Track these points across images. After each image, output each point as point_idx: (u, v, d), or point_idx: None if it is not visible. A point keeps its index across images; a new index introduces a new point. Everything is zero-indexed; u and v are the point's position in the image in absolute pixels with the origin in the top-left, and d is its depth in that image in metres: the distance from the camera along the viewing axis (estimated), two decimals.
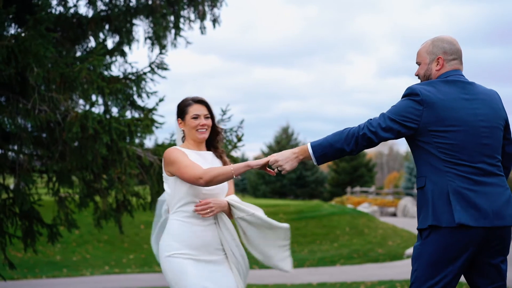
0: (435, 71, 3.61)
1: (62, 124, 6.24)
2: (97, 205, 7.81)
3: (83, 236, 18.01)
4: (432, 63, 3.61)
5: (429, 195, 3.43)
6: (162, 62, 7.52)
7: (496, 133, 3.50)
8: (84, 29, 8.08)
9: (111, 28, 8.21)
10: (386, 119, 3.43)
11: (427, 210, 3.45)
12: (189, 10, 8.40)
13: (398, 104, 3.48)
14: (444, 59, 3.59)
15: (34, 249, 8.01)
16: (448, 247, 3.43)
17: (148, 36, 8.27)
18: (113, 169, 6.39)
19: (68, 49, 8.07)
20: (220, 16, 8.32)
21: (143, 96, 7.34)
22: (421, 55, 3.66)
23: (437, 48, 3.61)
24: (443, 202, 3.42)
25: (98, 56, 6.41)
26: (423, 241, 3.46)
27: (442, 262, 3.44)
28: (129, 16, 7.83)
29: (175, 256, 3.68)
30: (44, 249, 15.49)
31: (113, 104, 7.01)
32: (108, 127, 6.09)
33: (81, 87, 6.14)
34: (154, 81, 7.46)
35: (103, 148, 6.11)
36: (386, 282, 12.47)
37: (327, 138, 3.48)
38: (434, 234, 3.42)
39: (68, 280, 13.94)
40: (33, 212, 7.50)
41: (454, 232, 3.42)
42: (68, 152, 6.31)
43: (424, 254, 3.45)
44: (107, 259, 17.09)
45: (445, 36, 3.67)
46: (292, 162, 3.53)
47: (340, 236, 21.04)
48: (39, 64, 5.96)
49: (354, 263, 17.26)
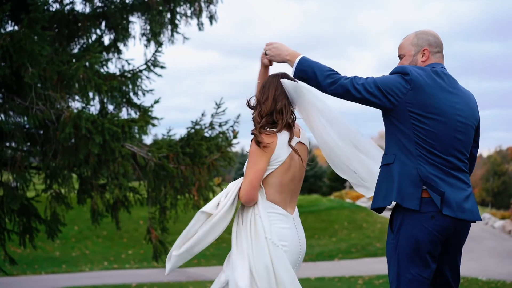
0: (421, 62, 3.61)
1: (56, 124, 6.26)
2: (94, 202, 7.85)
3: (82, 232, 18.07)
4: (417, 54, 3.62)
5: (395, 174, 3.42)
6: (157, 60, 7.55)
7: (469, 131, 3.54)
8: (80, 26, 8.10)
9: (107, 25, 8.22)
10: (372, 83, 3.43)
11: (390, 187, 3.43)
12: (185, 6, 8.41)
13: (387, 76, 3.48)
14: (430, 51, 3.61)
15: (33, 245, 8.05)
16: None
17: (144, 33, 8.28)
18: (106, 169, 6.42)
19: (64, 47, 8.08)
20: (216, 13, 8.33)
21: (139, 94, 7.36)
22: (405, 47, 3.66)
23: (422, 40, 3.63)
24: (410, 183, 3.39)
25: (95, 54, 6.43)
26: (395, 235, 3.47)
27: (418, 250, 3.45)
28: (125, 13, 7.84)
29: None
30: (43, 245, 15.54)
31: (109, 102, 7.03)
32: (101, 128, 6.11)
33: (79, 85, 6.15)
34: (150, 79, 7.49)
35: (96, 148, 6.14)
36: (384, 276, 12.53)
37: (317, 62, 3.56)
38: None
39: (67, 275, 14.00)
40: (30, 209, 7.54)
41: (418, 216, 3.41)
42: (61, 150, 6.33)
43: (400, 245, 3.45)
44: (106, 254, 17.14)
45: (428, 29, 3.69)
46: (280, 57, 3.69)
47: (339, 230, 21.09)
48: (35, 63, 5.97)
49: (353, 257, 17.33)
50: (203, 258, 16.33)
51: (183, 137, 7.37)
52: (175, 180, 6.67)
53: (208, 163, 6.85)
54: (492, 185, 48.14)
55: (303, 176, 3.75)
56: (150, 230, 7.27)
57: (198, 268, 15.35)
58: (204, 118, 7.64)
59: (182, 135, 7.52)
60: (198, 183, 6.77)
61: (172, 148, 6.88)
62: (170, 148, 6.85)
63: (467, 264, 14.14)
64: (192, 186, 6.82)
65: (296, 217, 3.69)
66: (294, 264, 3.65)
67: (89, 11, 8.17)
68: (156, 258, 7.47)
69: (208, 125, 7.45)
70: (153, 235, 7.16)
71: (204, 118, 7.63)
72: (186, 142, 7.18)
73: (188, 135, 7.31)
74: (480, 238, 18.30)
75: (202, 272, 14.46)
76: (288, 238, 3.58)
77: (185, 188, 6.91)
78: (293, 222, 3.64)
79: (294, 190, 3.68)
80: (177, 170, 6.71)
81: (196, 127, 7.33)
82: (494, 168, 48.83)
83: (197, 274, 14.21)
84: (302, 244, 3.69)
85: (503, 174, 48.81)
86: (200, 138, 7.09)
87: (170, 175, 6.66)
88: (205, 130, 7.37)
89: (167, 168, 6.56)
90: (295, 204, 3.71)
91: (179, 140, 7.40)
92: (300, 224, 3.72)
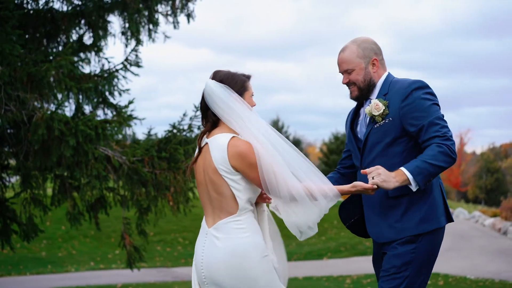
0: (373, 73, 3.53)
1: (27, 124, 6.12)
2: (75, 202, 7.71)
3: (69, 232, 17.89)
4: (368, 66, 3.52)
5: (435, 191, 3.43)
6: (137, 58, 7.43)
7: None
8: (59, 24, 7.96)
9: (86, 24, 8.09)
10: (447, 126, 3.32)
11: (427, 209, 3.39)
12: (165, 4, 8.28)
13: (436, 107, 3.37)
14: (378, 60, 3.54)
15: (11, 247, 7.93)
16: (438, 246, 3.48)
17: (123, 31, 8.16)
18: (79, 171, 6.28)
19: (43, 46, 7.95)
20: (194, 11, 8.20)
21: (115, 94, 7.24)
22: (352, 61, 3.51)
23: (367, 50, 3.53)
24: (439, 197, 3.45)
25: (66, 56, 6.28)
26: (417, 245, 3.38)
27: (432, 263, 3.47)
28: (101, 11, 7.70)
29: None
30: (29, 245, 15.39)
31: (84, 102, 6.90)
32: (74, 130, 5.97)
33: (48, 86, 6.01)
34: (126, 79, 7.36)
35: (68, 150, 6.00)
36: (373, 275, 12.44)
37: (419, 161, 3.22)
38: (429, 235, 3.39)
39: (52, 276, 13.86)
40: (5, 211, 7.40)
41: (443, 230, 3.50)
42: (32, 152, 6.19)
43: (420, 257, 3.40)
44: (93, 254, 16.99)
45: (363, 37, 3.60)
46: (391, 184, 3.19)
47: (328, 229, 21.01)
48: (5, 63, 5.84)
49: (342, 256, 17.25)
50: (190, 258, 16.21)
51: (161, 139, 7.24)
52: (148, 184, 6.54)
53: (184, 168, 6.71)
54: (485, 182, 48.19)
55: (217, 183, 3.13)
56: (124, 236, 7.11)
57: (184, 268, 15.25)
58: (186, 118, 7.52)
59: (161, 136, 7.41)
60: (174, 188, 6.63)
61: (148, 151, 6.74)
62: (146, 152, 6.72)
63: (456, 262, 14.07)
64: (167, 191, 6.68)
65: (215, 232, 3.12)
66: (200, 281, 3.21)
67: (67, 9, 8.03)
68: (130, 264, 7.30)
69: (187, 128, 7.32)
70: (126, 241, 7.01)
71: (185, 118, 7.51)
72: (164, 145, 7.05)
73: (166, 138, 7.18)
74: (469, 236, 18.23)
75: (189, 272, 14.34)
76: (195, 251, 3.26)
77: (160, 193, 6.76)
78: (204, 236, 3.19)
79: (208, 198, 3.19)
80: (152, 175, 6.57)
81: (174, 131, 7.17)
82: (487, 165, 48.87)
83: (183, 274, 14.10)
84: (204, 264, 3.14)
85: (496, 171, 48.84)
86: (177, 142, 6.95)
87: (143, 179, 6.53)
88: (183, 133, 7.23)
89: (141, 172, 6.42)
90: (218, 215, 3.15)
91: (157, 141, 7.27)
92: (218, 242, 3.10)
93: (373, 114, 3.42)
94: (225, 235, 3.11)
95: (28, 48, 6.96)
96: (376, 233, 3.50)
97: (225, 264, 3.07)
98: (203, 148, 3.22)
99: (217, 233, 3.13)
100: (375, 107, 3.41)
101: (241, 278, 3.07)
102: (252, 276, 3.07)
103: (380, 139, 3.43)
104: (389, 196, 3.40)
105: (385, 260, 3.43)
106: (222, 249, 3.09)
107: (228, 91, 3.16)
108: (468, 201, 45.63)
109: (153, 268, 15.32)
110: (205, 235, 3.19)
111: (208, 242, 3.15)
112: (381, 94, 3.47)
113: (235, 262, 3.07)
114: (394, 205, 3.41)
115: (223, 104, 3.14)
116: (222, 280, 3.09)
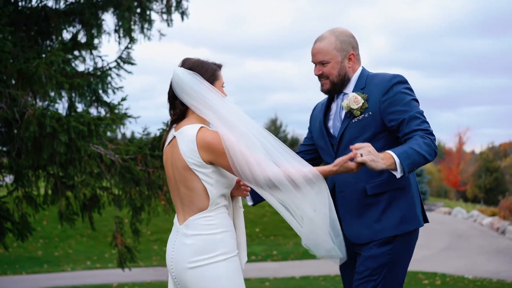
0: (349, 68, 3.41)
1: (19, 122, 6.06)
2: (68, 202, 7.65)
3: (66, 231, 17.84)
4: (344, 60, 3.40)
5: (413, 190, 3.34)
6: (129, 56, 7.37)
7: None
8: (52, 22, 7.90)
9: (79, 22, 8.03)
10: (427, 121, 3.24)
11: (407, 208, 3.29)
12: (159, 2, 8.23)
13: (416, 103, 3.29)
14: (355, 54, 3.42)
15: (5, 246, 7.87)
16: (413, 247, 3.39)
17: (116, 29, 8.10)
18: (72, 168, 6.21)
19: (38, 45, 7.89)
20: (188, 8, 8.14)
21: (109, 91, 7.18)
22: (329, 53, 3.38)
23: (345, 44, 3.41)
24: (417, 196, 3.36)
25: (56, 52, 6.20)
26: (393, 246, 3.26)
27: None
28: (94, 9, 7.63)
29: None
30: (25, 244, 15.35)
31: (77, 100, 6.84)
32: (67, 126, 5.89)
33: (39, 83, 5.93)
34: (120, 76, 7.31)
35: (61, 147, 5.93)
36: None
37: (407, 148, 3.07)
38: (406, 236, 3.29)
39: (48, 275, 13.81)
40: (0, 210, 7.34)
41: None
42: (24, 150, 6.12)
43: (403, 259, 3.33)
44: (90, 254, 16.94)
45: (341, 28, 3.48)
46: (379, 165, 2.97)
47: None
48: None
49: None
50: None
51: (154, 137, 7.19)
52: (141, 183, 6.46)
53: None
54: (484, 181, 48.15)
55: (187, 178, 3.02)
56: (116, 235, 7.03)
57: None
58: None
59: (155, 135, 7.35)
60: (167, 187, 6.56)
61: (141, 149, 6.68)
62: (139, 150, 6.65)
63: (454, 262, 14.02)
64: (159, 190, 6.61)
65: (185, 229, 3.02)
66: (174, 281, 3.12)
67: (61, 7, 7.97)
68: (121, 264, 7.22)
69: None
70: (118, 240, 6.93)
71: None
72: (157, 143, 7.00)
73: (159, 137, 7.12)
74: (467, 236, 18.18)
75: None
76: (166, 250, 3.15)
77: (153, 192, 6.69)
78: (175, 234, 3.09)
79: (178, 195, 3.08)
80: (144, 173, 6.51)
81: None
82: (486, 165, 48.84)
83: None
84: (173, 264, 3.04)
85: (495, 171, 48.81)
86: None
87: (136, 178, 6.46)
88: None
89: (133, 170, 6.36)
90: (188, 212, 3.04)
91: (151, 139, 7.22)
92: (187, 239, 3.00)
93: (351, 107, 3.28)
94: (194, 231, 2.99)
95: (21, 46, 6.89)
96: (353, 234, 3.31)
97: (192, 264, 2.97)
98: (171, 142, 3.11)
99: (187, 230, 3.02)
100: (354, 100, 3.27)
101: (206, 278, 2.96)
102: (217, 275, 2.96)
103: (358, 134, 3.28)
104: (367, 194, 3.25)
105: (360, 262, 3.27)
106: (190, 246, 2.98)
107: (198, 78, 3.05)
108: (467, 200, 45.60)
109: (150, 267, 15.27)
110: (176, 232, 3.08)
111: (178, 240, 3.05)
112: (358, 88, 3.35)
113: (201, 260, 2.96)
114: (372, 203, 3.27)
115: (193, 91, 3.03)
116: (188, 280, 2.99)
